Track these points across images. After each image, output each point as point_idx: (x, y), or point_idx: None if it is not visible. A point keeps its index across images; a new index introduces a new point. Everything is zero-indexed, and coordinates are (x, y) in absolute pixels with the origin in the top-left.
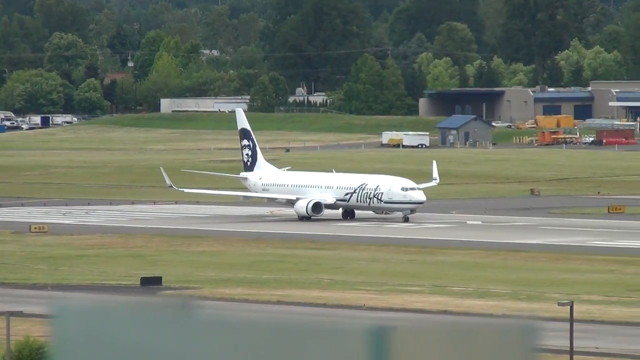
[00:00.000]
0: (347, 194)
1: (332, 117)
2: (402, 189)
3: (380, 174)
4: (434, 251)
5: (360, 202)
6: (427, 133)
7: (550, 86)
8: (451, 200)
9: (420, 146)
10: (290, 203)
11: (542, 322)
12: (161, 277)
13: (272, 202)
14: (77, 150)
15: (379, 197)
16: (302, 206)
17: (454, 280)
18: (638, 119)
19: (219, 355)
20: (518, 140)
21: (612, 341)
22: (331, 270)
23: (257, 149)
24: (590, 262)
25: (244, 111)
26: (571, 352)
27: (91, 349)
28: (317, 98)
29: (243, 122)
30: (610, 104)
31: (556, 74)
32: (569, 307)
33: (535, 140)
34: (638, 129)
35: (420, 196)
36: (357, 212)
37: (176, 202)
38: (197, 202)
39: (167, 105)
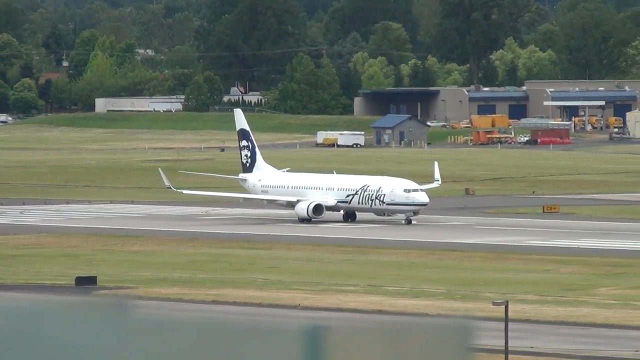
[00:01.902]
0: (348, 195)
1: (267, 116)
2: (405, 190)
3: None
4: (369, 251)
5: (362, 203)
6: (362, 132)
7: (485, 86)
8: None
9: (355, 146)
10: (291, 205)
11: (477, 321)
12: (96, 277)
13: (272, 203)
14: (12, 149)
15: (381, 199)
16: (302, 208)
17: (389, 279)
18: (573, 119)
19: (154, 354)
20: (453, 139)
21: (547, 341)
22: (266, 270)
23: (257, 149)
24: (525, 261)
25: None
26: (506, 351)
27: (26, 348)
28: (252, 97)
29: (242, 122)
30: (545, 103)
31: (491, 73)
32: (503, 306)
33: (470, 140)
34: (573, 129)
35: (423, 198)
36: (358, 214)
37: (111, 202)
38: (132, 202)
39: (102, 104)
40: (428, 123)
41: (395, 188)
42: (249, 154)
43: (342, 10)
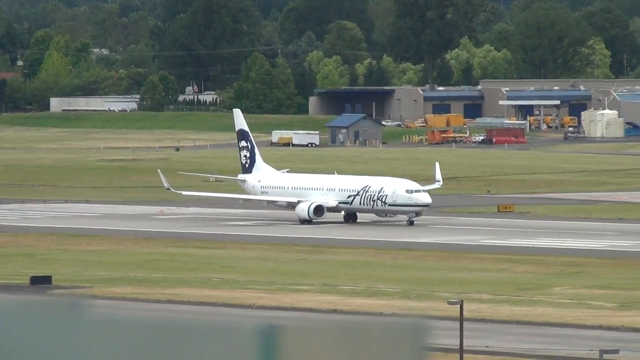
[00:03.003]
0: (349, 196)
1: (222, 116)
2: (407, 191)
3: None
4: (324, 250)
5: (364, 204)
6: (317, 132)
7: (440, 85)
8: None
9: (310, 145)
10: (291, 206)
11: (432, 320)
12: (51, 276)
13: (271, 204)
14: None
15: (383, 200)
16: (303, 209)
17: (344, 279)
18: (528, 118)
19: (109, 353)
20: (408, 139)
21: (502, 340)
22: (221, 269)
23: (256, 150)
24: (480, 260)
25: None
26: (461, 350)
27: None
28: (207, 97)
29: (241, 123)
30: (500, 102)
31: (446, 72)
32: (458, 305)
33: (425, 139)
34: (528, 128)
35: (425, 198)
36: (359, 215)
37: (66, 201)
38: (87, 201)
39: (56, 104)
40: (383, 122)
41: (397, 189)
42: (248, 155)
43: (297, 9)
